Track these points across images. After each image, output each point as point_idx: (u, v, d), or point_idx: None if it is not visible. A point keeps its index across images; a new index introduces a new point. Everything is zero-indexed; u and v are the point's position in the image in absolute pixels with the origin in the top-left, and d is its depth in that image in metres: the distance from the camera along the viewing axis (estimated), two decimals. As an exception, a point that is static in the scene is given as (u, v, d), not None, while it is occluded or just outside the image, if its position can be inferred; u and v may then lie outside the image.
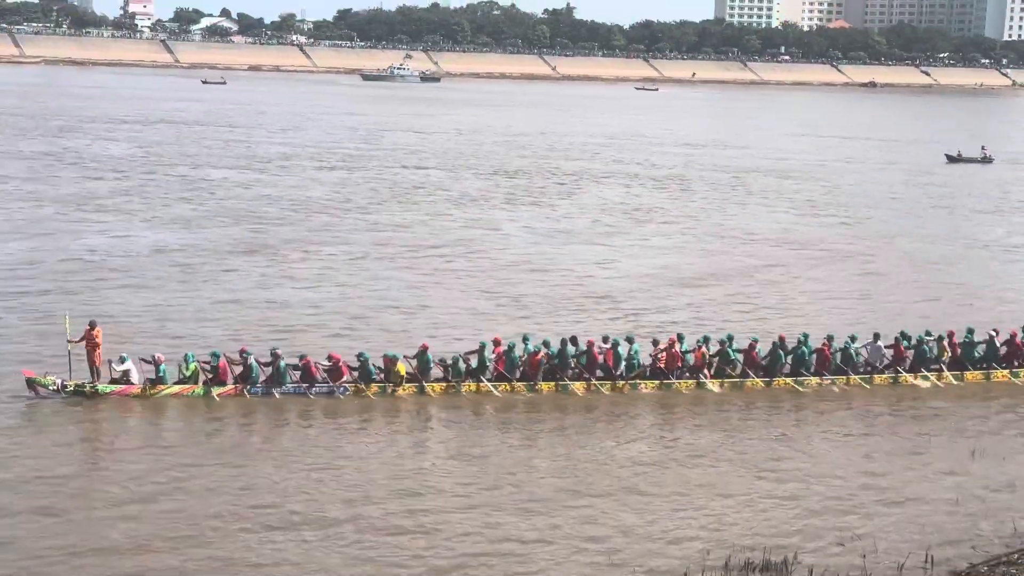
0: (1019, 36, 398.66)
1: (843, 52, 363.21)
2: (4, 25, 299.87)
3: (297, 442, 30.43)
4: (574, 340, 36.36)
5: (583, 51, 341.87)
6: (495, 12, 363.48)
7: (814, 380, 37.16)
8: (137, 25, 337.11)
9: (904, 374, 37.94)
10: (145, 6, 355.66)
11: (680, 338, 37.15)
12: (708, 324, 43.21)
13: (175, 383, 32.95)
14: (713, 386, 36.12)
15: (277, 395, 33.47)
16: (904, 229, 73.10)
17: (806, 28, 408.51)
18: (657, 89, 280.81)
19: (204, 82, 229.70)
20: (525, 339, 36.47)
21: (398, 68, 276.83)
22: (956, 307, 50.07)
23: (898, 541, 24.87)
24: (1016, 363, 39.03)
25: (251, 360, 33.57)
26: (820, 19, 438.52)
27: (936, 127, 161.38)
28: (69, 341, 33.25)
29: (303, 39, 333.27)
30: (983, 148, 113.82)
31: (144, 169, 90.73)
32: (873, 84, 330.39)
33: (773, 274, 55.98)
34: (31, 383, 32.19)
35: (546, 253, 60.76)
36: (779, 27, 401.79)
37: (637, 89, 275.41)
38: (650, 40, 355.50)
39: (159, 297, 46.42)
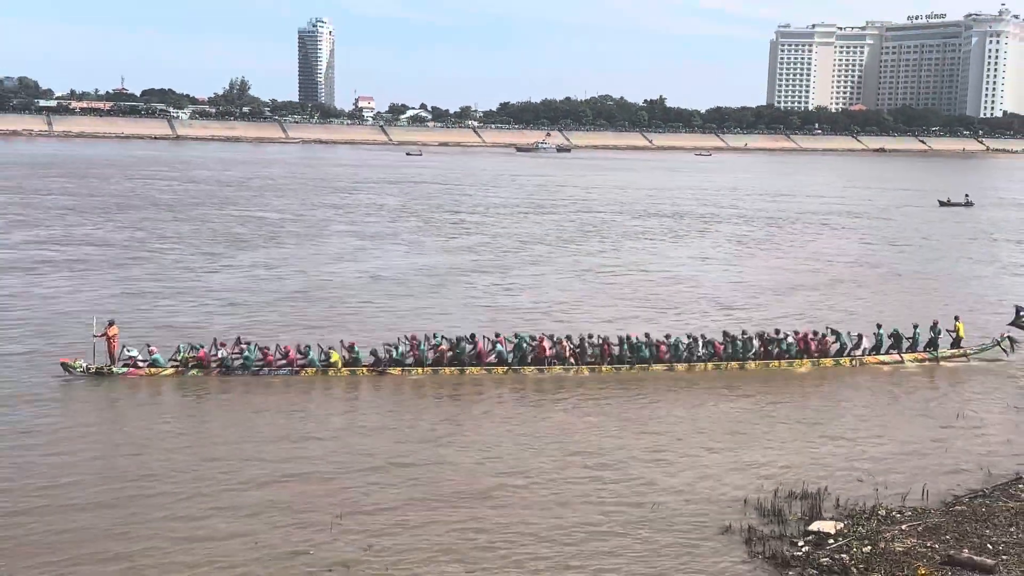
0: (991, 114, 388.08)
1: (861, 127, 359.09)
2: (276, 117, 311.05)
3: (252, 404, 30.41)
4: (472, 337, 34.37)
5: (672, 129, 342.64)
6: (609, 103, 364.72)
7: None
8: (363, 115, 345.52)
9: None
10: (369, 102, 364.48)
11: (550, 336, 34.85)
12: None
13: (170, 366, 32.81)
14: (576, 372, 33.90)
15: (239, 374, 32.77)
16: (904, 245, 76.02)
17: (833, 110, 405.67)
18: (710, 154, 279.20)
19: (408, 153, 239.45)
20: (435, 335, 34.72)
21: (541, 143, 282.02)
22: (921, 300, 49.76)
23: (901, 479, 24.17)
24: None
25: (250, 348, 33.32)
26: (844, 103, 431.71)
27: (930, 181, 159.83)
28: (93, 336, 33.22)
29: (476, 123, 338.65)
30: (966, 195, 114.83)
31: (409, 213, 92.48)
32: (883, 150, 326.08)
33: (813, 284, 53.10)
34: (66, 367, 32.28)
35: (684, 269, 61.17)
36: (814, 109, 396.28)
37: (697, 155, 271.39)
38: (719, 120, 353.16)
39: (419, 302, 47.36)
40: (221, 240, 68.91)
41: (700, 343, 35.39)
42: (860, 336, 36.69)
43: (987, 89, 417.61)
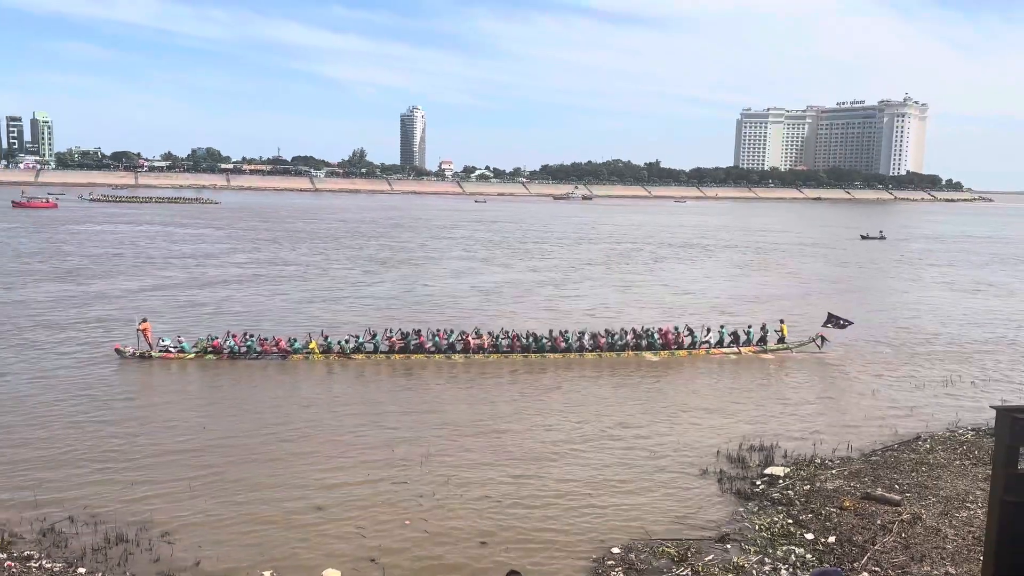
0: (898, 172, 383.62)
1: (803, 181, 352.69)
2: (384, 176, 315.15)
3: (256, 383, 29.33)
4: (418, 332, 33.39)
5: (664, 183, 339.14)
6: (619, 164, 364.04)
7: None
8: (445, 173, 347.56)
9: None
10: (449, 164, 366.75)
11: (477, 332, 33.99)
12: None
13: (193, 352, 32.11)
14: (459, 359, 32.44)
15: (246, 360, 31.81)
16: (830, 266, 72.90)
17: (783, 169, 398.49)
18: (685, 201, 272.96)
19: (476, 201, 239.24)
20: (389, 329, 34.11)
21: (571, 194, 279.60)
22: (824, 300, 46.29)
23: (831, 437, 23.65)
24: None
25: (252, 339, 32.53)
26: (791, 164, 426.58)
27: (853, 221, 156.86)
28: (137, 329, 32.57)
29: (524, 179, 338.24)
30: (880, 231, 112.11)
31: (495, 244, 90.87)
32: (819, 199, 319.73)
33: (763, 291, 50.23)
34: (118, 351, 32.10)
35: (693, 284, 59.88)
36: (769, 169, 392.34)
37: (675, 203, 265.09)
38: (699, 177, 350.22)
39: (506, 306, 46.91)
40: (372, 262, 68.97)
41: (586, 336, 34.05)
42: (708, 330, 35.42)
43: (895, 154, 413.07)
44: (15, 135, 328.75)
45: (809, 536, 16.85)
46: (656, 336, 34.74)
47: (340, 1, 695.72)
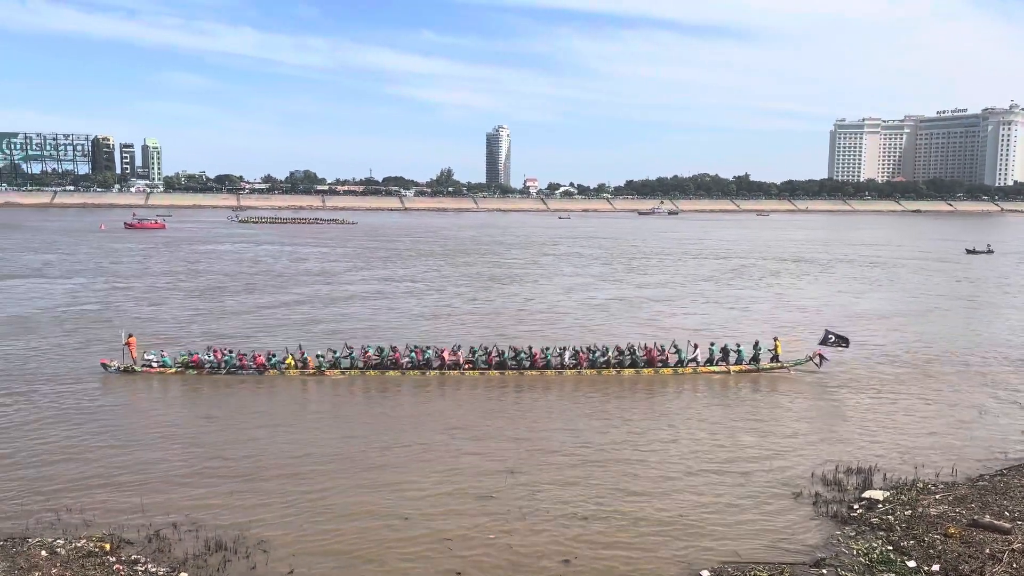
0: (1004, 183, 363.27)
1: (901, 193, 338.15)
2: (470, 194, 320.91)
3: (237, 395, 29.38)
4: (393, 348, 33.13)
5: (755, 197, 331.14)
6: (706, 178, 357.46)
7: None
8: (529, 191, 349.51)
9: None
10: (534, 182, 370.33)
11: (456, 348, 33.47)
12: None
13: (175, 367, 32.58)
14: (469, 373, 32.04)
15: (223, 373, 32.14)
16: (947, 281, 70.22)
17: (880, 180, 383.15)
18: (768, 215, 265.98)
19: (559, 217, 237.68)
20: (366, 345, 33.78)
21: (657, 209, 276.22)
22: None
23: (934, 460, 22.51)
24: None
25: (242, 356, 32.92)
26: (888, 176, 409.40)
27: (957, 234, 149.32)
28: (124, 343, 33.31)
29: (609, 195, 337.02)
30: (988, 245, 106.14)
31: (599, 260, 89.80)
32: (919, 211, 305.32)
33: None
34: (104, 366, 32.90)
35: (809, 300, 58.03)
36: (864, 181, 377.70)
37: (758, 215, 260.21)
38: (791, 190, 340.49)
39: (612, 320, 47.04)
40: (483, 279, 69.50)
41: (568, 352, 32.86)
42: (696, 347, 33.80)
43: (1000, 164, 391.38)
44: (127, 161, 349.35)
45: (911, 564, 16.04)
46: (640, 353, 33.33)
47: (431, 27, 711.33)
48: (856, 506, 19.24)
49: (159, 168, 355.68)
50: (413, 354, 33.16)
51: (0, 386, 30.72)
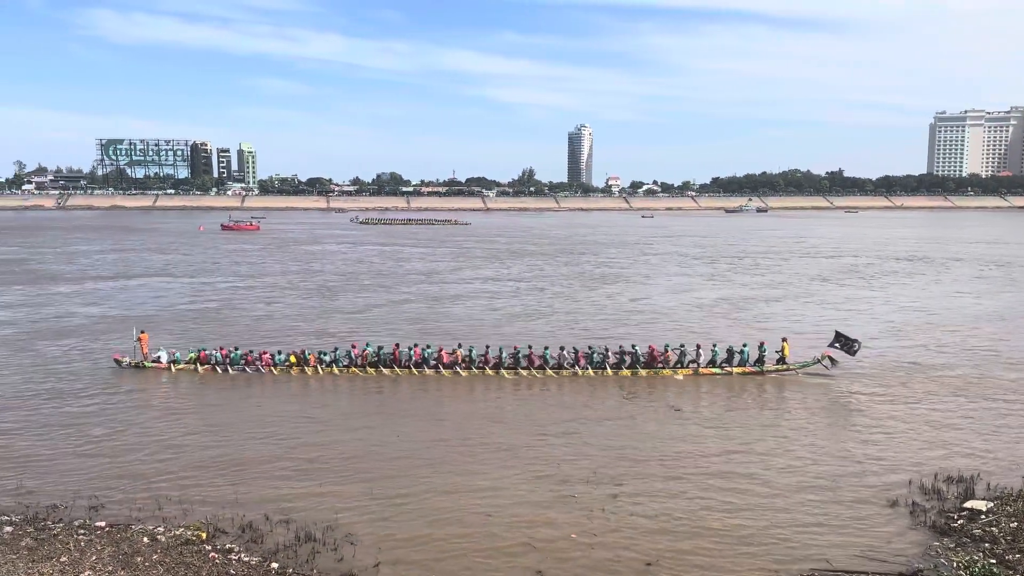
0: None
1: (1008, 188, 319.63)
2: (551, 193, 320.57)
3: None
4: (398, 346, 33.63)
5: (849, 193, 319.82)
6: (797, 174, 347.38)
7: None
8: (612, 189, 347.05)
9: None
10: (616, 180, 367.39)
11: (455, 349, 33.30)
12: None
13: (184, 363, 33.68)
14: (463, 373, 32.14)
15: (231, 371, 33.05)
16: None
17: (984, 175, 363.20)
18: (856, 212, 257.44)
19: (642, 216, 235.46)
20: (367, 344, 34.23)
21: (745, 206, 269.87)
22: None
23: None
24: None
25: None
26: (993, 169, 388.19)
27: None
28: (136, 340, 34.73)
29: (693, 193, 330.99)
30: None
31: (701, 260, 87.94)
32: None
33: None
34: (116, 361, 34.15)
35: (931, 301, 55.40)
36: (967, 176, 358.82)
37: (846, 212, 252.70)
38: (888, 186, 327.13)
39: (712, 321, 46.14)
40: (587, 278, 69.32)
41: (566, 352, 32.66)
42: (698, 349, 32.69)
43: None
44: (224, 165, 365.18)
45: (1018, 579, 15.31)
46: (642, 353, 32.69)
47: (512, 28, 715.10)
48: (957, 516, 18.34)
49: (254, 171, 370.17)
50: (411, 352, 33.05)
51: (110, 380, 32.49)
